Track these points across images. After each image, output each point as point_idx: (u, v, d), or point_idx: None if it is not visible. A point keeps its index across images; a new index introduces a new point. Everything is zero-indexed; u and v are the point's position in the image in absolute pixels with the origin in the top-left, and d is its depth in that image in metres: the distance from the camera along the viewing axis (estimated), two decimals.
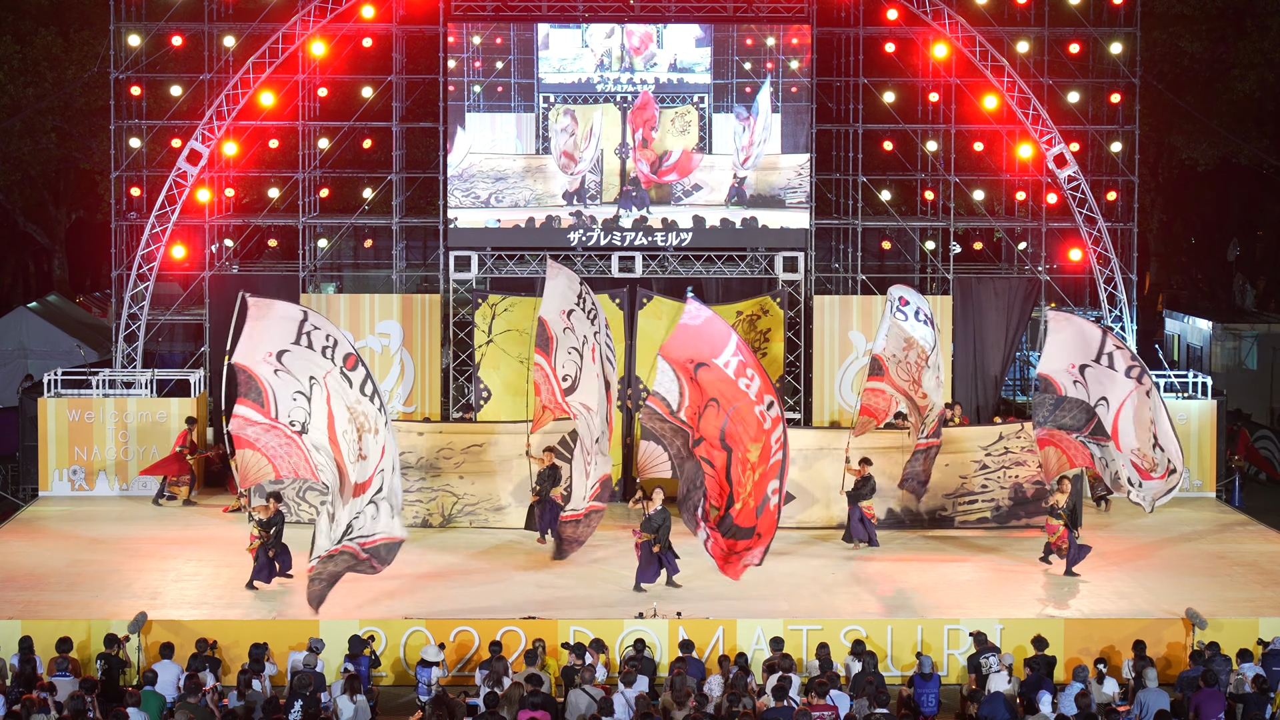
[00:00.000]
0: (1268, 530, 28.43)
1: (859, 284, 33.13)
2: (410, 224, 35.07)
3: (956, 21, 32.18)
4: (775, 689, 19.16)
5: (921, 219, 35.94)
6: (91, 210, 47.58)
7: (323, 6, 32.00)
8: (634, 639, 21.62)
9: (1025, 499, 27.86)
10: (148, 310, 32.54)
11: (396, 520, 21.92)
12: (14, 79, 38.70)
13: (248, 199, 36.49)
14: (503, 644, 21.45)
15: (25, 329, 41.81)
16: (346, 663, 20.86)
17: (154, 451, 30.67)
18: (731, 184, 32.09)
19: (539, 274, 32.80)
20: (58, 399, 30.78)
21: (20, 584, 24.44)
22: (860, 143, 33.21)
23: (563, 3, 32.43)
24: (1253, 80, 40.31)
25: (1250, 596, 24.23)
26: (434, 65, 32.80)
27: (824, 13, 32.58)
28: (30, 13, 40.04)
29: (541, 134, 32.06)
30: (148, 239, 32.30)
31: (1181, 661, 21.89)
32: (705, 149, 32.07)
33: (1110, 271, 32.75)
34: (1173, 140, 42.36)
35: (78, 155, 42.45)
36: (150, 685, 19.53)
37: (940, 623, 22.61)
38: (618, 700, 19.03)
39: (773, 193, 32.15)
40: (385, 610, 22.99)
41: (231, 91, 32.04)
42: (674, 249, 32.29)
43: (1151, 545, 27.44)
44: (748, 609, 23.21)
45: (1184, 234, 52.03)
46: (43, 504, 30.16)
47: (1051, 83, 32.90)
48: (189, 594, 24.17)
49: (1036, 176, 33.50)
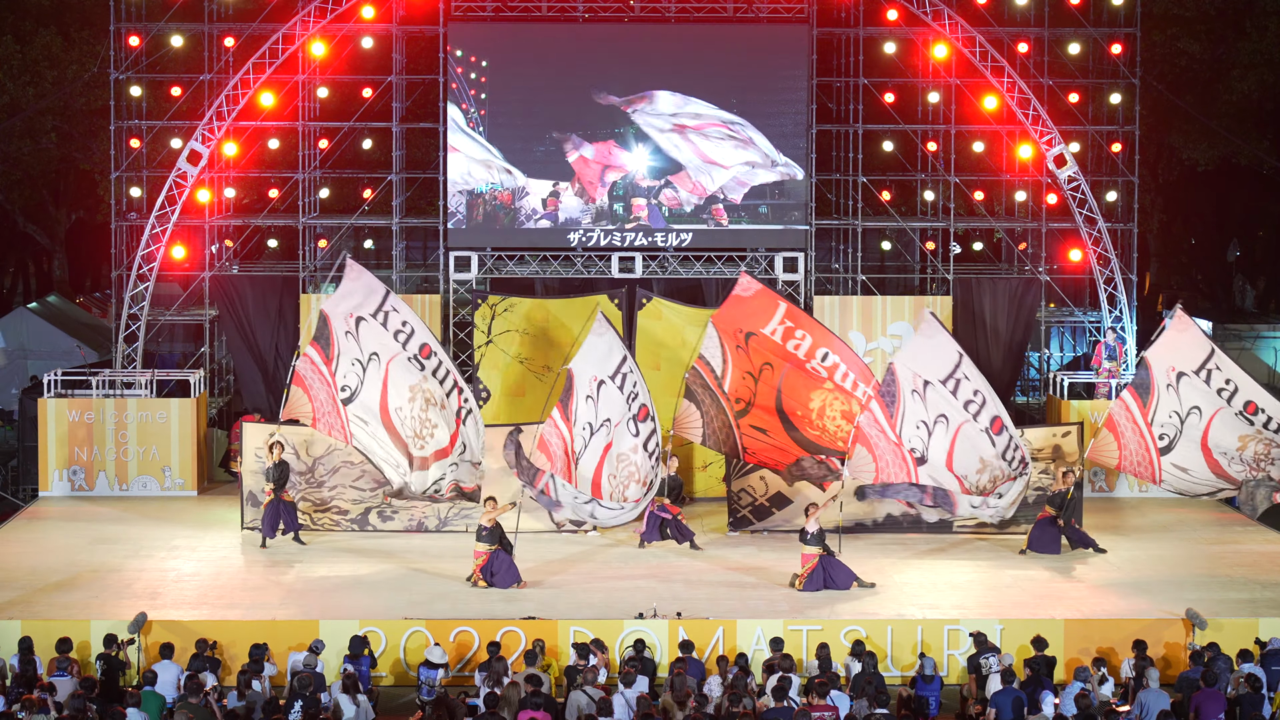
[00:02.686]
0: (1268, 530, 28.43)
1: (859, 284, 33.12)
2: (410, 224, 35.07)
3: (956, 22, 32.17)
4: (775, 689, 19.16)
5: (921, 219, 35.93)
6: (91, 210, 47.57)
7: (323, 7, 31.99)
8: (634, 639, 21.61)
9: (1025, 504, 27.79)
10: (148, 311, 32.53)
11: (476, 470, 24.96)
12: (14, 79, 38.68)
13: (248, 199, 36.47)
14: (502, 644, 21.46)
15: (25, 329, 41.81)
16: (346, 663, 20.86)
17: (154, 452, 30.70)
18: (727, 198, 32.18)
19: (539, 274, 32.83)
20: (58, 399, 30.78)
21: (20, 584, 24.44)
22: (860, 143, 33.20)
23: (563, 3, 32.43)
24: (1252, 81, 40.30)
25: (1250, 596, 24.23)
26: (434, 65, 32.80)
27: (824, 13, 32.57)
28: (30, 13, 40.01)
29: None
30: (148, 239, 32.30)
31: (1181, 662, 21.89)
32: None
33: (1110, 272, 32.75)
34: (1173, 140, 42.35)
35: (78, 155, 42.43)
36: (150, 685, 19.53)
37: (940, 623, 22.61)
38: (617, 701, 19.03)
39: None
40: (385, 610, 22.99)
41: (231, 92, 32.03)
42: (674, 249, 32.28)
43: (1151, 545, 27.45)
44: (748, 609, 23.23)
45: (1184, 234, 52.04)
46: (43, 504, 30.16)
47: (1051, 83, 32.89)
48: (189, 594, 24.17)
49: (1036, 177, 33.49)
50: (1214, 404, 25.73)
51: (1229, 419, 25.73)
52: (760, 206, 32.27)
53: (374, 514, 27.66)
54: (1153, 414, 25.78)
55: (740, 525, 28.07)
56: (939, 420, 25.07)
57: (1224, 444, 25.73)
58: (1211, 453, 25.74)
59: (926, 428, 25.00)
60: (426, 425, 25.04)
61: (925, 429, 25.00)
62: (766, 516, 28.01)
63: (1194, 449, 25.73)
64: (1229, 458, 25.73)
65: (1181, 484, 25.98)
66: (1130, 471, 26.31)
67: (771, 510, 27.94)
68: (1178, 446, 25.77)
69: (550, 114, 32.13)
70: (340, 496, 27.59)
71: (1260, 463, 25.62)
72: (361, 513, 27.65)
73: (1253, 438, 25.64)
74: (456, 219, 32.11)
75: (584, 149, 32.14)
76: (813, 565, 24.42)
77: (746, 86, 32.24)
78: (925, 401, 25.06)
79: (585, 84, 32.12)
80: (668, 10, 32.25)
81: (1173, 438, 25.77)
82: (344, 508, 27.62)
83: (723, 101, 32.18)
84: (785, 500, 27.44)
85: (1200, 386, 25.77)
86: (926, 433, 25.01)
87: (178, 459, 30.84)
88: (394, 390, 24.84)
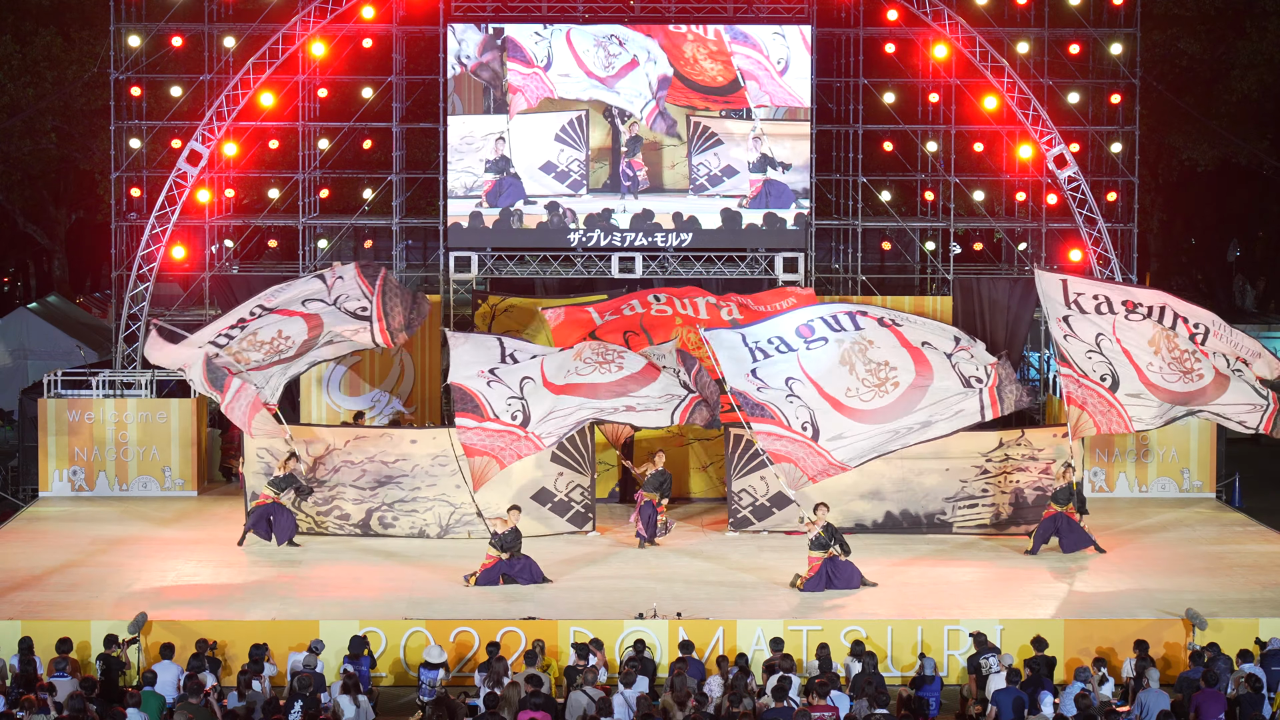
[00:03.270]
0: (1268, 530, 28.44)
1: (859, 284, 33.13)
2: (410, 224, 35.07)
3: (956, 22, 32.17)
4: (775, 690, 19.16)
5: (921, 219, 35.93)
6: (91, 210, 47.60)
7: (323, 7, 31.99)
8: (634, 639, 21.61)
9: (1026, 505, 27.82)
10: (148, 311, 32.52)
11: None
12: (14, 79, 38.70)
13: (248, 199, 36.48)
14: (502, 645, 21.46)
15: (26, 330, 41.81)
16: (346, 663, 20.86)
17: (154, 452, 30.71)
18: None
19: (539, 274, 32.82)
20: (58, 399, 30.78)
21: (20, 584, 24.44)
22: (860, 143, 33.20)
23: (563, 3, 32.43)
24: (1252, 81, 40.33)
25: (1250, 597, 24.23)
26: (434, 65, 32.80)
27: (824, 13, 32.57)
28: (30, 13, 40.04)
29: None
30: (148, 239, 32.29)
31: (1181, 662, 21.88)
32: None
33: (1110, 272, 32.74)
34: (1173, 141, 42.37)
35: (78, 155, 42.45)
36: (150, 686, 19.52)
37: (940, 623, 22.61)
38: (617, 701, 19.04)
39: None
40: (385, 611, 23.00)
41: (231, 92, 32.02)
42: (674, 249, 32.28)
43: (1151, 545, 27.45)
44: (748, 609, 23.23)
45: (1184, 234, 52.06)
46: (43, 504, 30.16)
47: (1051, 83, 32.89)
48: (189, 594, 24.18)
49: (1036, 177, 33.49)
50: (1105, 323, 26.22)
51: (1125, 325, 26.20)
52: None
53: (375, 519, 27.61)
54: (1079, 365, 26.03)
55: (741, 525, 28.07)
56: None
57: (1141, 354, 25.98)
58: (1138, 365, 25.92)
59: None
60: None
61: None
62: (767, 516, 28.01)
63: (1129, 371, 25.93)
64: (1154, 368, 25.82)
65: (1147, 413, 25.96)
66: (1108, 430, 26.19)
67: (772, 510, 27.94)
68: (1119, 377, 25.94)
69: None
70: (342, 496, 27.56)
71: (1186, 361, 25.75)
72: (363, 517, 27.61)
73: (1157, 335, 25.93)
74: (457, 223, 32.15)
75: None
76: (816, 566, 24.44)
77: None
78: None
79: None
80: (668, 10, 32.24)
81: (1108, 371, 25.99)
82: (346, 510, 27.59)
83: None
84: (786, 500, 27.44)
85: (1083, 317, 26.29)
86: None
87: (178, 459, 30.84)
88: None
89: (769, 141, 31.86)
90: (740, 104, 31.86)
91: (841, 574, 24.47)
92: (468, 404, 25.36)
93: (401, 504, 27.47)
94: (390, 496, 27.44)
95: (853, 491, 27.62)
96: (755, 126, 31.85)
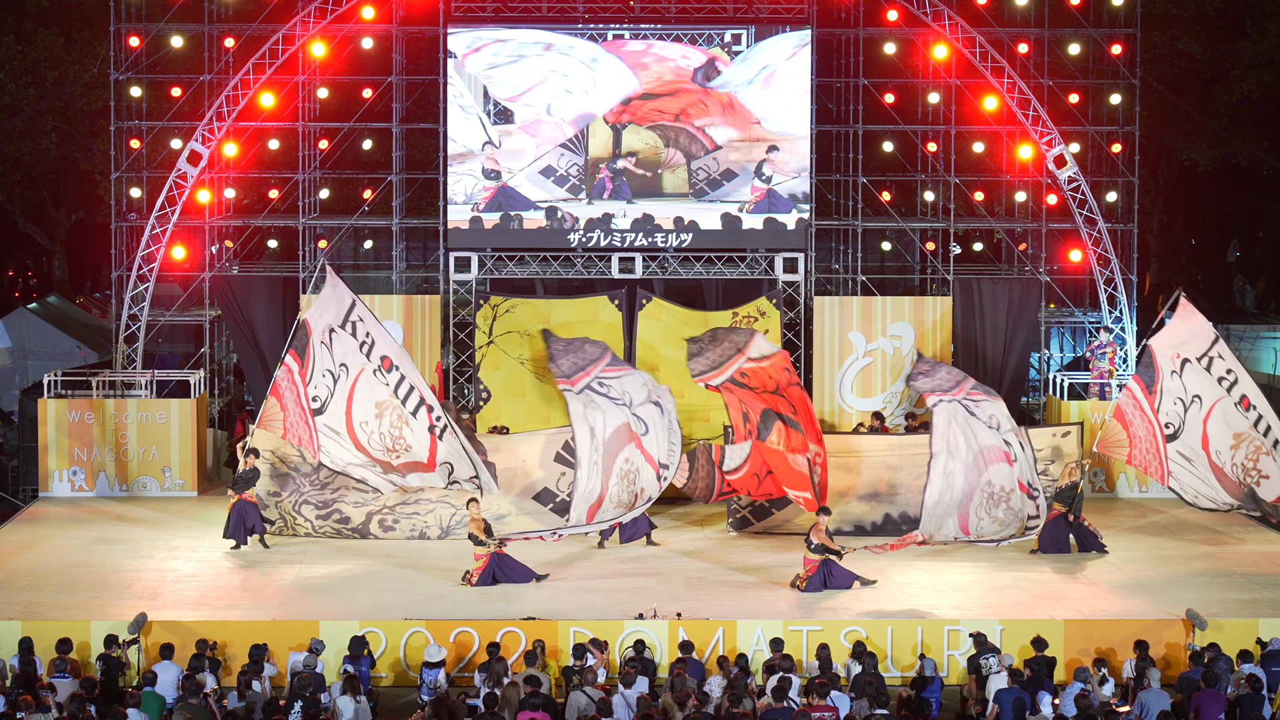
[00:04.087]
0: (1268, 530, 28.43)
1: (859, 285, 33.12)
2: (410, 225, 35.06)
3: (956, 22, 32.17)
4: (775, 690, 19.17)
5: (921, 220, 35.92)
6: (91, 211, 47.56)
7: (323, 7, 31.99)
8: (634, 640, 21.62)
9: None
10: (148, 311, 32.53)
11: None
12: (14, 79, 38.68)
13: (248, 200, 36.47)
14: (502, 645, 21.46)
15: (25, 330, 41.78)
16: (346, 663, 20.86)
17: (154, 452, 30.70)
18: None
19: (539, 275, 32.82)
20: (57, 400, 30.78)
21: (20, 584, 24.45)
22: (860, 144, 33.20)
23: (563, 3, 32.43)
24: (1252, 81, 40.31)
25: (1250, 597, 24.24)
26: (434, 66, 32.80)
27: (824, 13, 32.57)
28: (31, 13, 40.03)
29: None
30: (148, 240, 32.29)
31: (1181, 662, 21.89)
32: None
33: (1110, 272, 32.75)
34: (1173, 141, 42.36)
35: (78, 156, 42.43)
36: (150, 686, 19.53)
37: (940, 623, 22.62)
38: (617, 701, 19.04)
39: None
40: (385, 610, 22.99)
41: (231, 92, 32.03)
42: (674, 250, 32.27)
43: (1151, 545, 27.45)
44: (748, 609, 23.23)
45: (1184, 235, 52.03)
46: (43, 504, 30.16)
47: (1051, 84, 32.89)
48: (189, 594, 24.18)
49: (1036, 177, 33.49)
50: (1215, 393, 25.98)
51: (1228, 409, 26.00)
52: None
53: (375, 522, 27.57)
54: (1158, 401, 25.97)
55: (741, 525, 28.06)
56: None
57: (1220, 440, 25.86)
58: (1209, 446, 25.87)
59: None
60: (400, 442, 25.05)
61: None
62: (766, 517, 28.00)
63: (1196, 439, 25.89)
64: (1221, 457, 25.83)
65: (1185, 478, 26.01)
66: (1138, 465, 26.37)
67: (771, 510, 27.93)
68: (1183, 435, 26.01)
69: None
70: (343, 499, 27.53)
71: (1248, 470, 25.73)
72: (363, 520, 27.58)
73: (1245, 437, 25.74)
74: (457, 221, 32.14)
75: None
76: (814, 568, 24.44)
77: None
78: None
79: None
80: (668, 11, 32.24)
81: (1178, 426, 25.99)
82: (346, 513, 27.54)
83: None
84: (785, 500, 27.43)
85: (1202, 374, 26.04)
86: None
87: (178, 459, 30.84)
88: (359, 404, 24.82)
89: (768, 167, 31.90)
90: (738, 125, 31.87)
91: (837, 575, 24.49)
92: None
93: (402, 506, 27.45)
94: (392, 499, 27.40)
95: (852, 494, 27.63)
96: (753, 148, 31.86)
